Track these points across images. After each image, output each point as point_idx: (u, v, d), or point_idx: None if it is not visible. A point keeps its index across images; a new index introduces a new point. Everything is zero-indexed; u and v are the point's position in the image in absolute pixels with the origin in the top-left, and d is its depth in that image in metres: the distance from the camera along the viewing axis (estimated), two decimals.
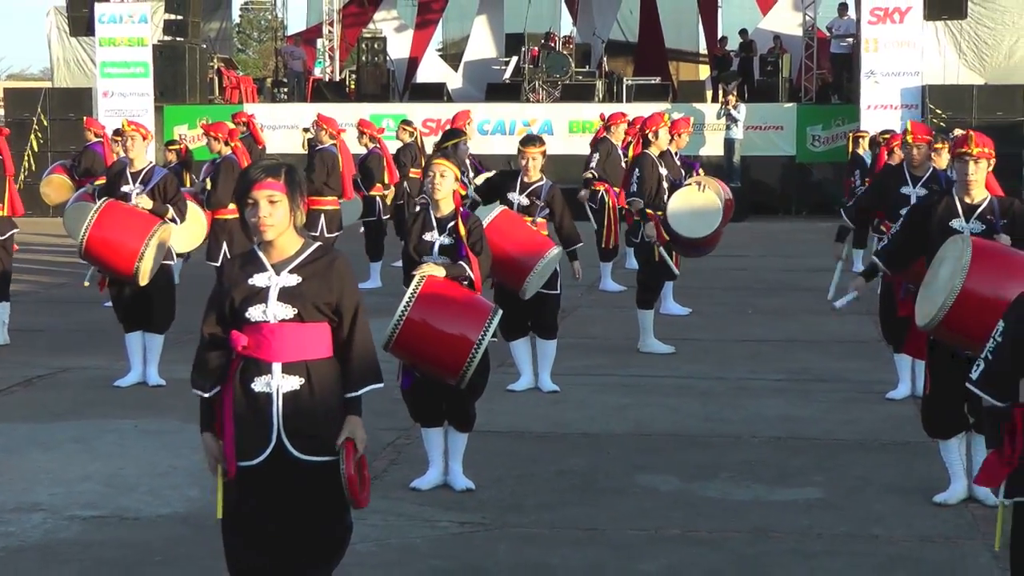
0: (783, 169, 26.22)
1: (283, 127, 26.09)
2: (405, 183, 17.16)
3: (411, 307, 7.05)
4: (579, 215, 13.57)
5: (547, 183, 10.15)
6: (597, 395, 10.09)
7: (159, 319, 10.44)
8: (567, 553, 6.55)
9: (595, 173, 15.85)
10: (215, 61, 29.07)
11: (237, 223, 5.39)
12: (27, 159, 26.14)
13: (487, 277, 7.80)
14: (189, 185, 15.40)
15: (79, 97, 27.08)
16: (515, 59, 29.27)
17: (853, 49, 26.30)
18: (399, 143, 17.99)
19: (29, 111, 26.99)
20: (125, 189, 10.39)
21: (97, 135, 16.73)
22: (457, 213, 7.57)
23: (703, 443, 8.72)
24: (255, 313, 4.76)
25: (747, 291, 15.75)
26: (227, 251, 12.34)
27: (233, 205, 5.91)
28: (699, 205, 11.71)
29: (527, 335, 10.16)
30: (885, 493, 7.52)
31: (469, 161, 15.29)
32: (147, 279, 10.09)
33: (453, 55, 34.76)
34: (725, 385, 10.45)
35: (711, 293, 15.22)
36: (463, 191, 8.00)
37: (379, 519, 6.80)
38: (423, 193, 9.81)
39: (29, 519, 7.06)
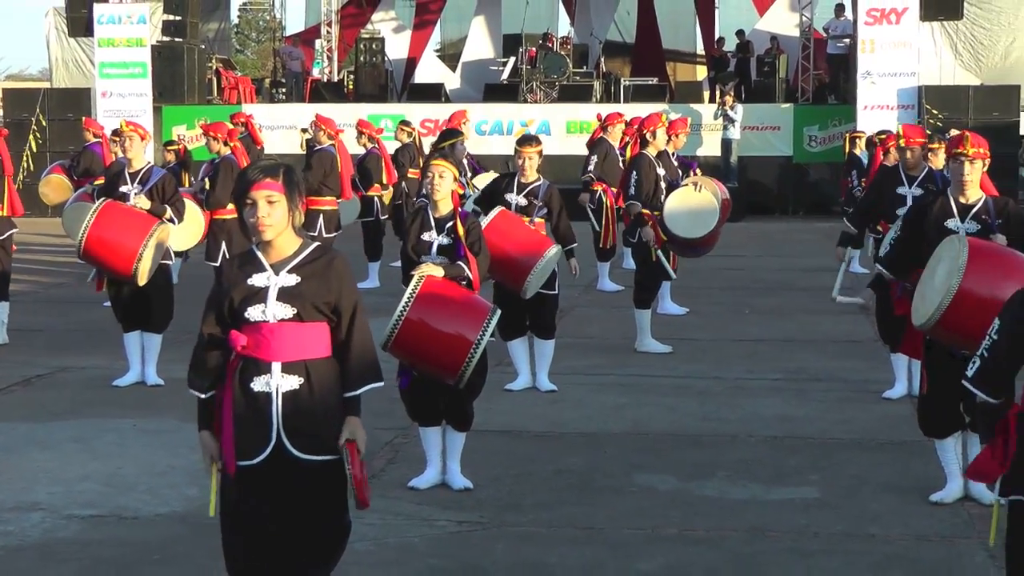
0: (780, 169, 26.25)
1: (281, 127, 26.12)
2: (403, 183, 17.20)
3: (410, 307, 7.06)
4: (579, 216, 13.62)
5: (544, 183, 10.14)
6: (595, 395, 10.11)
7: (157, 319, 10.46)
8: (565, 552, 6.56)
9: (593, 176, 15.82)
10: (213, 62, 29.08)
11: (236, 223, 5.42)
12: (26, 159, 26.15)
13: (486, 277, 7.82)
14: (188, 185, 15.43)
15: (78, 97, 27.10)
16: (513, 60, 29.31)
17: (850, 50, 26.33)
18: (398, 143, 18.03)
19: (28, 111, 27.01)
20: (123, 189, 10.40)
21: (96, 135, 16.74)
22: (455, 213, 7.60)
23: (700, 442, 8.74)
24: (254, 313, 4.78)
25: (744, 291, 15.77)
26: (226, 251, 12.36)
27: (232, 205, 5.93)
28: (695, 205, 11.72)
29: (525, 335, 10.18)
30: (881, 492, 7.54)
31: (467, 161, 15.31)
32: (146, 279, 10.11)
33: (451, 56, 34.79)
34: (722, 385, 10.47)
35: (708, 293, 15.23)
36: (461, 191, 8.02)
37: (377, 518, 6.79)
38: (422, 195, 9.82)
39: (28, 518, 7.08)
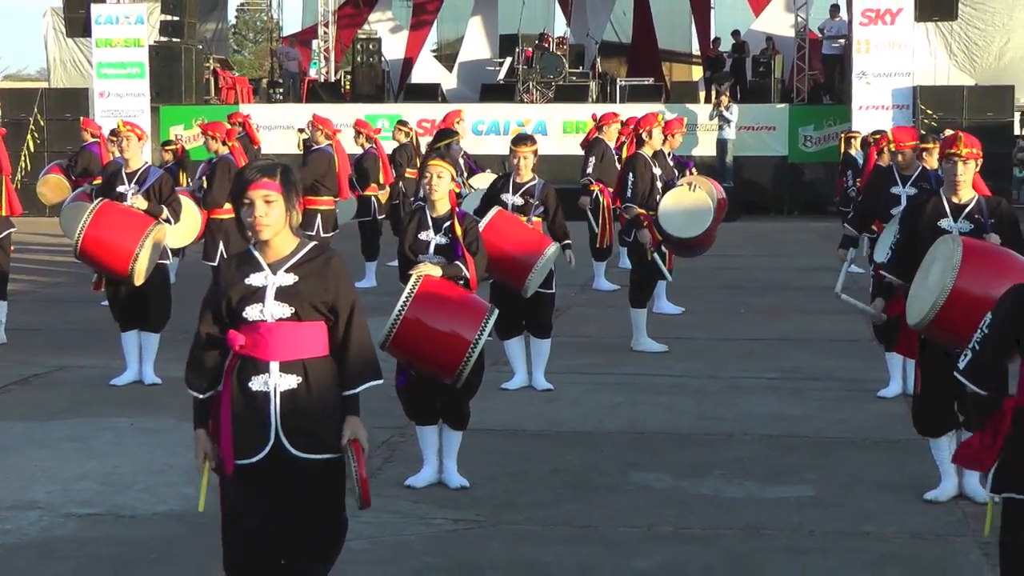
0: (775, 169, 26.28)
1: (279, 127, 26.14)
2: (400, 183, 17.22)
3: (408, 306, 7.08)
4: (577, 216, 13.64)
5: (540, 182, 10.15)
6: (591, 393, 10.13)
7: (155, 318, 10.47)
8: (561, 550, 6.58)
9: (592, 179, 15.78)
10: (211, 62, 29.07)
11: (233, 223, 5.43)
12: (24, 159, 26.15)
13: (483, 277, 7.84)
14: (185, 185, 15.43)
15: (75, 97, 27.11)
16: (509, 60, 29.29)
17: (845, 50, 26.38)
18: (395, 143, 18.05)
19: (26, 111, 27.01)
20: (121, 189, 10.42)
21: (93, 135, 16.75)
22: (453, 213, 7.62)
23: (696, 441, 8.76)
24: (252, 312, 4.79)
25: (740, 290, 15.80)
26: (223, 251, 12.37)
27: (229, 205, 5.95)
28: (690, 205, 11.75)
29: (522, 334, 10.20)
30: (877, 490, 7.56)
31: (463, 160, 15.33)
32: (142, 279, 10.13)
33: (448, 56, 34.80)
34: (718, 383, 10.50)
35: (704, 292, 15.26)
36: (457, 190, 8.04)
37: (373, 516, 6.78)
38: (419, 197, 9.83)
39: (25, 517, 7.09)
